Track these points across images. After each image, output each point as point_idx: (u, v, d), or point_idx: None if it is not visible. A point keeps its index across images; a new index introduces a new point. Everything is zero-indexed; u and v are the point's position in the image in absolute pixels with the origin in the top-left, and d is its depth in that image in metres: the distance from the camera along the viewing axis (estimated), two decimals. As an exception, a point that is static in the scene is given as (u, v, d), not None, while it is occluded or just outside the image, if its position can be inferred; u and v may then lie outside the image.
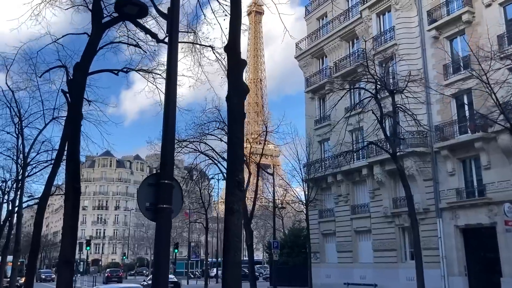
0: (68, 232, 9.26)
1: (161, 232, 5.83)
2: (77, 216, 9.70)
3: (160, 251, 5.84)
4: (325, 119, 33.69)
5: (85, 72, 10.42)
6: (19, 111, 20.94)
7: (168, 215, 5.89)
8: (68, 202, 9.54)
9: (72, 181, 9.53)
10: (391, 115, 21.97)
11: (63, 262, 9.11)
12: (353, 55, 31.81)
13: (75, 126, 9.92)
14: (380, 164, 27.46)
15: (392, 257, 26.97)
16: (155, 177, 6.22)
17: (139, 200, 6.12)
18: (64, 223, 9.45)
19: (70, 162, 9.68)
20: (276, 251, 30.14)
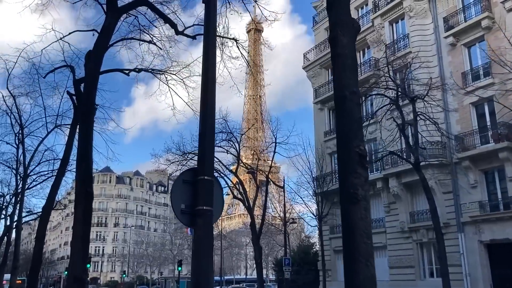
0: (78, 243, 8.04)
1: (201, 241, 4.66)
2: (89, 225, 8.51)
3: (201, 264, 4.65)
4: (335, 131, 32.59)
5: (98, 60, 9.30)
6: (20, 118, 19.78)
7: (209, 220, 4.73)
8: (79, 208, 8.33)
9: (83, 184, 8.36)
10: (411, 123, 20.88)
11: (73, 279, 7.87)
12: (364, 64, 30.86)
13: (87, 122, 8.75)
14: (396, 176, 26.27)
15: (410, 274, 25.58)
16: (192, 172, 5.05)
17: (173, 202, 4.94)
18: (74, 233, 8.23)
19: (81, 163, 8.49)
20: (288, 268, 28.73)
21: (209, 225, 4.79)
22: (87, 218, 8.40)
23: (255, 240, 29.20)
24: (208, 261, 4.69)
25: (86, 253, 8.39)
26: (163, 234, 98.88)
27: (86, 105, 8.84)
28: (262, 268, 29.54)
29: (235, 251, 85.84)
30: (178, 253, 77.63)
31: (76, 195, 8.66)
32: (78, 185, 8.54)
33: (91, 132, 8.89)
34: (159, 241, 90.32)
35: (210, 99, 5.06)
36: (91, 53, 9.38)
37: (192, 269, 4.70)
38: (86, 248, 8.46)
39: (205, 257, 4.65)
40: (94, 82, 9.02)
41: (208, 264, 4.69)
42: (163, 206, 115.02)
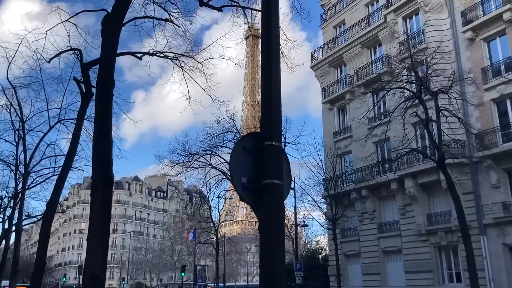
0: (96, 238, 6.85)
1: (270, 223, 3.56)
2: (109, 217, 7.32)
3: (272, 252, 3.54)
4: (346, 131, 31.57)
5: (119, 22, 8.13)
6: (21, 112, 18.52)
7: (279, 197, 3.64)
8: (96, 197, 7.15)
9: (101, 168, 7.21)
10: (432, 119, 19.78)
11: (90, 278, 6.69)
12: (376, 62, 29.88)
13: (105, 95, 7.58)
14: (412, 177, 25.18)
15: (427, 279, 24.41)
16: (254, 137, 3.95)
17: (233, 174, 3.84)
18: (91, 226, 7.05)
19: (99, 143, 7.31)
20: (299, 273, 27.49)
21: (280, 204, 3.71)
22: (106, 208, 7.21)
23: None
24: (280, 249, 3.60)
25: (105, 249, 7.14)
26: (162, 240, 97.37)
27: (105, 76, 7.68)
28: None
29: (236, 257, 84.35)
30: (179, 259, 76.24)
31: (92, 182, 7.49)
32: (95, 169, 7.35)
33: (110, 107, 7.71)
34: (158, 247, 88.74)
35: (274, 46, 3.99)
36: (109, 16, 8.27)
37: (261, 259, 3.61)
38: (106, 244, 7.22)
39: (276, 243, 3.56)
40: (113, 46, 7.85)
41: (280, 252, 3.60)
42: (162, 212, 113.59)
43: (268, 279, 3.51)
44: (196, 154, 30.14)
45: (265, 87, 3.97)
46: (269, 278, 3.50)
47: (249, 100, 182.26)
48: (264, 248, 3.60)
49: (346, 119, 32.09)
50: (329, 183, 30.17)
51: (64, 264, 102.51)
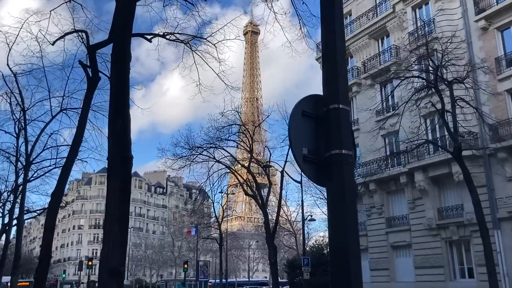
0: (114, 227, 6.11)
1: (341, 202, 2.94)
2: (128, 202, 6.56)
3: (346, 235, 2.92)
4: (353, 124, 30.91)
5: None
6: (22, 100, 17.78)
7: (350, 169, 3.01)
8: (113, 180, 6.42)
9: (119, 147, 6.55)
10: (448, 110, 19.14)
11: (108, 272, 6.01)
12: (384, 53, 29.23)
13: (122, 67, 6.88)
14: (422, 170, 24.58)
15: (438, 274, 23.85)
16: (315, 101, 3.29)
17: (292, 145, 3.18)
18: (108, 214, 6.23)
19: (115, 120, 6.57)
20: (307, 268, 26.89)
21: (351, 177, 3.09)
22: (125, 192, 6.43)
23: (269, 239, 27.40)
24: (354, 231, 2.97)
25: (124, 240, 6.37)
26: (162, 236, 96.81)
27: (120, 47, 6.95)
28: (277, 268, 27.72)
29: (236, 253, 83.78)
30: (179, 255, 75.71)
31: (109, 164, 6.74)
32: (112, 150, 6.60)
33: (127, 81, 6.97)
34: (158, 243, 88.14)
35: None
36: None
37: (331, 245, 2.99)
38: (125, 233, 6.40)
39: (351, 223, 2.94)
40: (130, 12, 7.10)
41: (354, 234, 2.98)
42: (162, 208, 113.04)
43: (341, 265, 2.90)
44: (199, 148, 29.45)
45: (327, 39, 3.32)
46: (342, 263, 2.89)
47: (248, 97, 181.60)
48: (336, 230, 2.98)
49: (352, 111, 31.44)
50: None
51: (63, 260, 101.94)
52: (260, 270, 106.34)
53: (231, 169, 30.57)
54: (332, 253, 3.03)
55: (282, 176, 27.77)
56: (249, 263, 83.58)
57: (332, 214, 3.00)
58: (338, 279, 2.92)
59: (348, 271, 2.88)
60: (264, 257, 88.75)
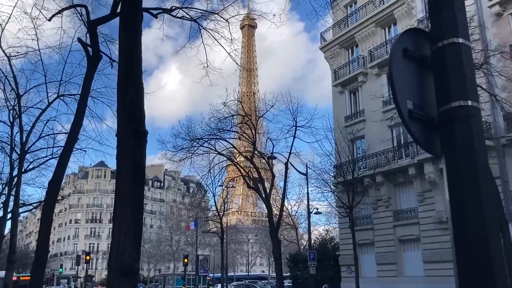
0: (125, 213, 5.16)
1: (470, 173, 2.16)
2: (143, 184, 5.46)
3: (483, 228, 2.17)
4: (358, 115, 30.11)
5: None
6: (17, 85, 16.70)
7: (479, 129, 2.16)
8: (125, 158, 5.42)
9: (131, 121, 5.56)
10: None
11: (120, 270, 5.06)
12: (391, 41, 28.31)
13: (133, 28, 5.95)
14: (432, 161, 23.75)
15: (449, 269, 23.01)
16: (421, 35, 2.42)
17: (396, 94, 2.32)
18: (119, 198, 5.33)
19: (127, 90, 5.57)
20: (313, 263, 26.09)
21: (481, 141, 2.24)
22: (139, 172, 5.42)
23: (273, 233, 26.62)
24: (492, 219, 2.16)
25: (139, 230, 5.34)
26: (159, 231, 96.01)
27: (131, 4, 6.02)
28: (281, 263, 26.92)
29: (234, 247, 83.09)
30: (178, 250, 74.99)
31: (119, 140, 5.60)
32: (123, 123, 5.61)
33: (139, 43, 6.04)
34: (156, 238, 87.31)
35: None
36: None
37: (459, 239, 2.17)
38: (139, 221, 5.39)
39: (488, 209, 2.13)
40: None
41: (494, 224, 2.17)
42: (159, 202, 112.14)
43: (478, 269, 2.08)
44: (200, 139, 28.47)
45: None
46: (481, 266, 2.06)
47: (244, 91, 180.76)
48: (466, 221, 2.16)
49: (358, 102, 30.61)
50: (340, 170, 28.77)
51: (60, 254, 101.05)
52: (257, 264, 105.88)
53: (233, 161, 29.71)
54: (463, 253, 2.21)
55: (287, 168, 26.97)
56: (248, 257, 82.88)
57: (455, 198, 2.17)
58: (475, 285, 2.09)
59: (492, 275, 2.05)
60: (262, 251, 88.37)
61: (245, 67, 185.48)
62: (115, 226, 5.28)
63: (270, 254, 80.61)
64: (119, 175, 5.37)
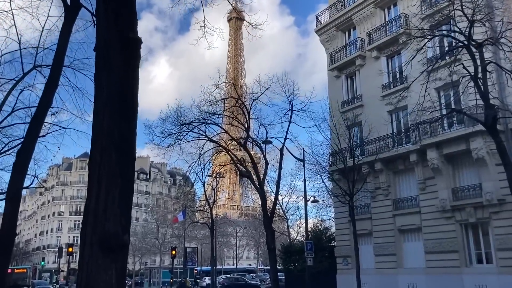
0: (108, 158, 3.55)
1: None
2: (134, 119, 3.83)
3: None
4: (356, 100, 28.80)
5: None
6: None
7: None
8: (109, 74, 3.76)
9: (119, 24, 3.78)
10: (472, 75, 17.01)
11: (99, 246, 3.48)
12: (391, 22, 27.04)
13: None
14: (436, 147, 22.61)
15: (453, 260, 22.04)
16: None
17: None
18: (96, 138, 3.68)
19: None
20: (310, 254, 24.79)
21: None
22: (128, 101, 3.77)
23: (267, 223, 25.27)
24: None
25: (129, 187, 3.68)
26: (145, 223, 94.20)
27: None
28: (275, 254, 25.61)
29: (222, 240, 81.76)
30: (164, 242, 73.41)
31: (98, 54, 3.97)
32: (104, 25, 3.93)
33: None
34: (142, 231, 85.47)
35: None
36: None
37: None
38: (130, 175, 3.73)
39: None
40: None
41: None
42: (145, 194, 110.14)
43: None
44: (190, 124, 26.84)
45: None
46: None
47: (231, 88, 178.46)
48: None
49: (355, 87, 29.31)
50: (336, 157, 27.48)
51: (42, 248, 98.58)
52: (244, 258, 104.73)
53: (224, 148, 28.22)
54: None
55: (282, 154, 25.58)
56: (236, 250, 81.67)
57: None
58: None
59: None
60: (250, 244, 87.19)
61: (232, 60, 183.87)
62: (92, 179, 3.58)
63: (258, 247, 79.68)
64: (99, 104, 3.71)
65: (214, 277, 41.36)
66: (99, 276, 3.25)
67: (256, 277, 63.21)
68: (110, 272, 3.35)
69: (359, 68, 28.69)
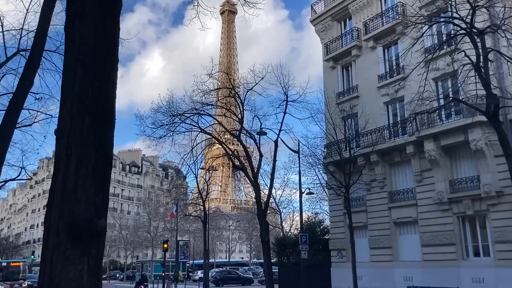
0: (82, 126, 2.85)
1: None
2: (113, 72, 3.17)
3: None
4: (351, 91, 28.32)
5: None
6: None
7: None
8: (80, 27, 2.95)
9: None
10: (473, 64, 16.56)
11: (67, 233, 2.74)
12: (388, 12, 26.54)
13: None
14: (434, 138, 22.21)
15: (449, 253, 21.73)
16: None
17: None
18: (67, 96, 2.93)
19: None
20: (304, 246, 24.35)
21: None
22: (108, 60, 3.10)
23: (261, 215, 24.80)
24: None
25: (106, 160, 3.11)
26: (137, 217, 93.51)
27: None
28: (269, 247, 25.16)
29: (215, 233, 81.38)
30: (156, 236, 72.87)
31: (69, 7, 3.18)
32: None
33: None
34: (133, 224, 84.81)
35: None
36: None
37: None
38: (107, 145, 3.13)
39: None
40: None
41: None
42: (137, 187, 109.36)
43: None
44: (182, 115, 26.17)
45: None
46: None
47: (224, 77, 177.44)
48: None
49: (351, 77, 28.82)
50: (331, 148, 27.02)
51: (32, 241, 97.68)
52: (237, 251, 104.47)
53: (218, 139, 27.64)
54: None
55: (276, 146, 25.03)
56: (229, 243, 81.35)
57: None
58: None
59: None
60: (242, 237, 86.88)
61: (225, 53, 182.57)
62: (60, 151, 3.00)
63: (251, 240, 79.38)
64: (69, 58, 2.97)
65: (207, 271, 40.89)
66: (66, 272, 2.57)
67: (248, 270, 63.02)
68: (81, 267, 2.69)
69: (355, 58, 28.20)
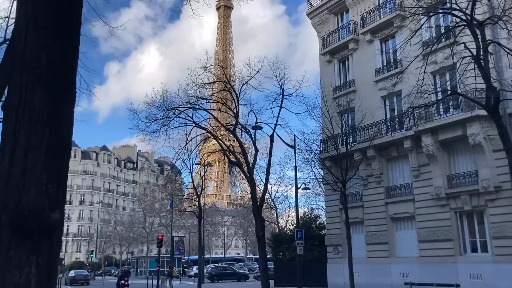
0: (33, 96, 2.10)
1: None
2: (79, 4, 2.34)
3: None
4: (348, 85, 27.98)
5: None
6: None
7: None
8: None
9: None
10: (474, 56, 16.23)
11: (10, 227, 2.02)
12: (385, 5, 26.18)
13: None
14: (432, 133, 21.91)
15: (447, 249, 21.49)
16: None
17: None
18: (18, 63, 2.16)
19: None
20: (300, 242, 24.05)
21: None
22: (66, 18, 2.35)
23: (256, 211, 24.44)
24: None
25: (61, 150, 2.28)
26: (132, 213, 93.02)
27: None
28: (265, 242, 24.83)
29: (210, 229, 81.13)
30: (151, 232, 72.53)
31: None
32: None
33: None
34: (129, 220, 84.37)
35: None
36: None
37: None
38: (63, 136, 2.31)
39: None
40: None
41: None
42: (132, 183, 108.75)
43: None
44: (176, 109, 25.67)
45: None
46: None
47: (220, 73, 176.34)
48: None
49: (348, 71, 28.47)
50: (327, 143, 26.73)
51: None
52: (232, 247, 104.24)
53: (213, 134, 27.23)
54: None
55: (272, 140, 24.66)
56: (225, 239, 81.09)
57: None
58: None
59: None
60: (238, 233, 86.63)
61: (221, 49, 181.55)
62: (7, 129, 2.07)
63: (246, 236, 79.20)
64: (20, 20, 2.34)
65: (202, 266, 40.57)
66: (9, 276, 1.99)
67: (244, 266, 62.78)
68: (27, 270, 2.11)
69: (352, 52, 27.84)
